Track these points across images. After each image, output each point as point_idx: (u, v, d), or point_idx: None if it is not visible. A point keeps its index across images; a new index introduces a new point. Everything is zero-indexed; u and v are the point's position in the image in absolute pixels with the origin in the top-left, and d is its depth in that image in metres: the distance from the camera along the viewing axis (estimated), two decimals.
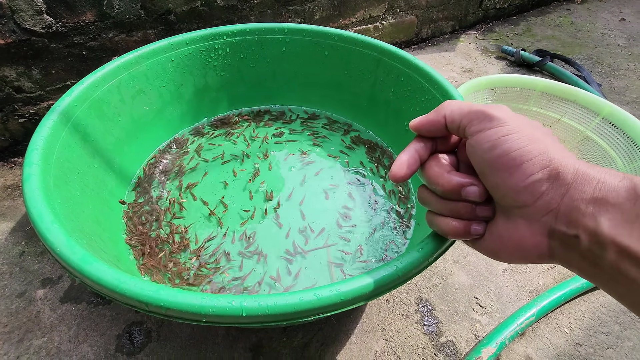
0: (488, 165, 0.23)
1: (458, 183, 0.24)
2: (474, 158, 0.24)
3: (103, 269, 0.31)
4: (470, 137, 0.24)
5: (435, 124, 0.26)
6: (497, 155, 0.22)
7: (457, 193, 0.25)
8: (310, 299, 0.29)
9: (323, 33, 0.66)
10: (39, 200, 0.36)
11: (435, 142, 0.27)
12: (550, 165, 0.21)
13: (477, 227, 0.25)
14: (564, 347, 0.50)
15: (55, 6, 0.59)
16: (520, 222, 0.23)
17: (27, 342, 0.46)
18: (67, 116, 0.48)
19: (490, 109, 0.23)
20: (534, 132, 0.22)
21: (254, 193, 0.60)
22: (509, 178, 0.22)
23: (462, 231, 0.25)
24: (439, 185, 0.25)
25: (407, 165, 0.26)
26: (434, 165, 0.26)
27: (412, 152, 0.26)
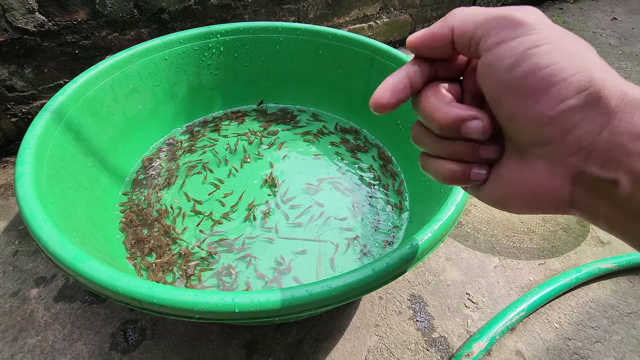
0: (507, 89, 0.17)
1: (457, 116, 0.19)
2: (487, 81, 0.18)
3: (96, 267, 0.31)
4: (485, 53, 0.18)
5: (439, 39, 0.20)
6: (521, 74, 0.17)
7: (455, 129, 0.19)
8: (302, 294, 0.30)
9: (317, 32, 0.66)
10: (32, 199, 0.36)
11: (435, 66, 0.21)
12: (590, 88, 0.16)
13: (479, 170, 0.20)
14: (554, 341, 0.51)
15: (47, 4, 0.59)
16: (539, 163, 0.18)
17: (22, 341, 0.47)
18: (59, 115, 0.48)
19: (515, 12, 0.17)
20: (571, 42, 0.17)
21: (248, 192, 0.60)
22: (534, 105, 0.17)
23: (461, 175, 0.21)
24: (434, 120, 0.20)
25: (392, 91, 0.20)
26: (431, 95, 0.20)
27: (401, 76, 0.21)
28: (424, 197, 0.53)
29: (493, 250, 0.61)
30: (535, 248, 0.62)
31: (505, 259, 0.60)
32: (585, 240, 0.64)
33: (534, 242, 0.63)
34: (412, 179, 0.60)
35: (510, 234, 0.63)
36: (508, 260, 0.60)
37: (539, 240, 0.63)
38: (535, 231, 0.64)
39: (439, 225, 0.36)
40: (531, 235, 0.64)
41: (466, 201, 0.40)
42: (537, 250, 0.62)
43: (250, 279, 0.49)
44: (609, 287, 0.57)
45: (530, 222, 0.66)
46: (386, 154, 0.67)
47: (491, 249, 0.61)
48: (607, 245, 0.63)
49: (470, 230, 0.64)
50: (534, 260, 0.60)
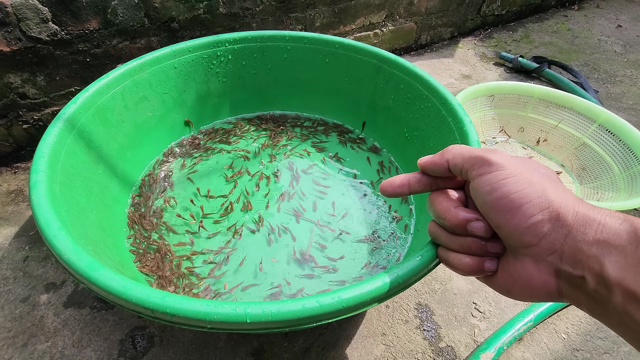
0: (490, 207, 0.23)
1: (464, 218, 0.25)
2: (476, 200, 0.25)
3: (110, 276, 0.31)
4: (471, 180, 0.25)
5: (438, 166, 0.27)
6: (497, 198, 0.23)
7: (464, 228, 0.25)
8: (313, 306, 0.30)
9: (324, 41, 0.67)
10: (46, 208, 0.37)
11: (436, 180, 0.28)
12: (550, 207, 0.22)
13: (490, 264, 0.25)
14: (562, 352, 0.50)
15: (60, 14, 0.60)
16: (528, 261, 0.23)
17: (31, 347, 0.47)
18: (72, 123, 0.48)
19: (488, 154, 0.24)
20: (532, 175, 0.23)
21: (256, 198, 0.60)
22: (511, 219, 0.22)
23: (476, 268, 0.26)
24: (446, 220, 0.26)
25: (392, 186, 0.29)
26: (443, 199, 0.27)
27: (404, 178, 0.29)
28: None
29: None
30: None
31: None
32: None
33: None
34: None
35: None
36: None
37: None
38: None
39: None
40: None
41: None
42: None
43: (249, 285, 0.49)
44: None
45: None
46: (392, 162, 0.67)
47: None
48: None
49: None
50: None
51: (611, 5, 1.58)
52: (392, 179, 0.29)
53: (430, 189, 0.28)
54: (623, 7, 1.57)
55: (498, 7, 1.29)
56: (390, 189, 0.29)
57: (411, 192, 0.29)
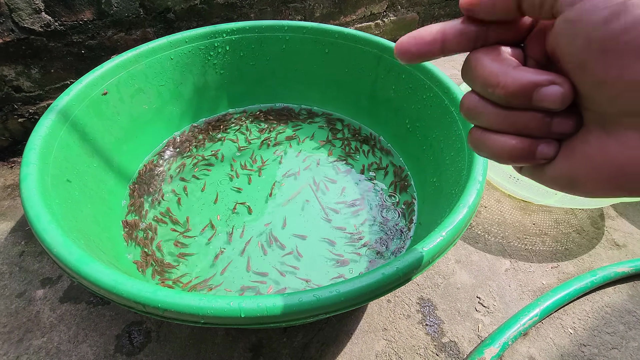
0: (599, 48, 0.15)
1: (530, 81, 0.16)
2: (572, 41, 0.15)
3: (100, 270, 0.30)
4: (568, 8, 0.15)
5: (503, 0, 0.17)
6: (620, 29, 0.14)
7: (526, 97, 0.17)
8: (310, 299, 0.29)
9: (323, 30, 0.65)
10: (36, 201, 0.36)
11: (487, 30, 0.18)
12: None
13: (547, 148, 0.17)
14: (568, 347, 0.49)
15: (53, 5, 0.58)
16: (632, 136, 0.15)
17: (27, 342, 0.46)
18: (65, 115, 0.47)
19: None
20: None
21: (254, 192, 0.59)
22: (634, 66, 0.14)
23: (524, 153, 0.18)
24: (499, 87, 0.17)
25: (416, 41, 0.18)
26: (492, 60, 0.17)
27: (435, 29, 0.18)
28: (433, 199, 0.52)
29: (504, 252, 0.60)
30: (547, 251, 0.60)
31: (516, 261, 0.58)
32: (600, 242, 0.62)
33: (546, 245, 0.61)
34: (420, 179, 0.59)
35: (522, 236, 0.62)
36: (520, 263, 0.58)
37: (552, 243, 0.61)
38: (548, 233, 0.62)
39: (450, 228, 0.34)
40: (543, 237, 0.62)
41: (478, 203, 0.38)
42: (550, 252, 0.60)
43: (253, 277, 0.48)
44: (625, 291, 0.55)
45: (543, 224, 0.64)
46: (394, 155, 0.66)
47: (502, 252, 0.60)
48: (623, 248, 0.61)
49: (481, 232, 0.62)
50: (547, 263, 0.59)
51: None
52: (418, 32, 0.18)
53: (475, 44, 0.18)
54: None
55: None
56: (415, 47, 0.18)
57: (444, 50, 0.18)
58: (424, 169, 0.58)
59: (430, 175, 0.55)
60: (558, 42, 0.16)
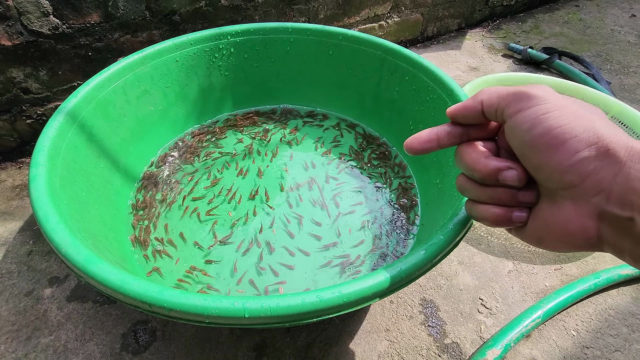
0: (529, 146, 0.21)
1: (495, 167, 0.23)
2: (513, 141, 0.23)
3: (107, 270, 0.31)
4: (508, 119, 0.23)
5: (471, 110, 0.25)
6: (537, 135, 0.21)
7: (495, 178, 0.23)
8: (312, 300, 0.29)
9: (327, 32, 0.66)
10: (45, 201, 0.36)
11: (467, 130, 0.26)
12: (599, 142, 0.19)
13: (519, 213, 0.24)
14: (571, 349, 0.49)
15: (61, 8, 0.59)
16: (567, 204, 0.21)
17: (35, 340, 0.47)
18: (73, 117, 0.48)
19: (529, 89, 0.22)
20: (578, 109, 0.21)
21: (260, 193, 0.60)
22: (552, 157, 0.20)
23: (504, 218, 0.24)
24: (475, 171, 0.24)
25: (419, 142, 0.26)
26: (471, 151, 0.25)
27: (431, 132, 0.26)
28: (437, 201, 0.52)
29: (507, 254, 0.60)
30: (550, 252, 0.60)
31: (519, 263, 0.59)
32: None
33: None
34: (423, 181, 0.59)
35: None
36: (523, 264, 0.58)
37: None
38: None
39: (453, 230, 0.35)
40: None
41: None
42: (553, 254, 0.60)
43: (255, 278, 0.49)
44: (629, 294, 0.55)
45: None
46: (397, 156, 0.66)
47: (505, 253, 0.60)
48: None
49: (484, 233, 0.62)
50: (550, 265, 0.59)
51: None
52: (419, 135, 0.26)
53: (461, 140, 0.26)
54: None
55: None
56: (418, 145, 0.26)
57: (440, 146, 0.26)
58: (427, 170, 0.58)
59: (434, 176, 0.56)
60: (507, 139, 0.23)
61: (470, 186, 0.26)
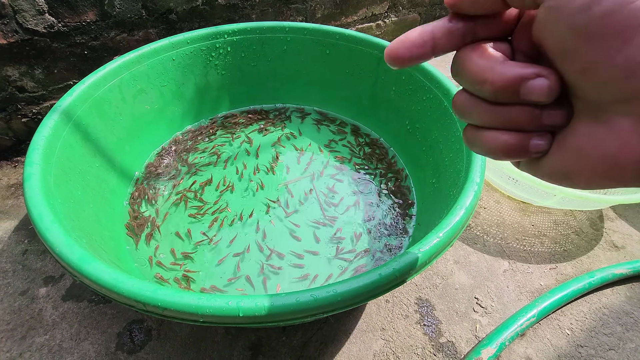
0: (582, 35, 0.14)
1: (516, 75, 0.16)
2: (555, 29, 0.15)
3: (101, 269, 0.31)
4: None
5: None
6: (601, 13, 0.14)
7: (514, 92, 0.16)
8: (307, 299, 0.29)
9: (324, 32, 0.66)
10: (39, 200, 0.36)
11: (474, 25, 0.18)
12: None
13: (540, 141, 0.17)
14: (565, 348, 0.49)
15: (56, 6, 0.59)
16: (623, 123, 0.15)
17: (30, 340, 0.47)
18: (68, 116, 0.48)
19: None
20: None
21: (255, 192, 0.60)
22: (620, 50, 0.14)
23: (518, 148, 0.17)
24: (487, 83, 0.17)
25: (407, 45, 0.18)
26: (479, 56, 0.17)
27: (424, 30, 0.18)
28: (432, 200, 0.52)
29: (503, 253, 0.60)
30: (546, 252, 0.60)
31: (515, 262, 0.59)
32: (599, 244, 0.62)
33: (545, 246, 0.61)
34: (419, 180, 0.59)
35: (521, 237, 0.62)
36: (518, 264, 0.59)
37: (550, 244, 0.61)
38: (547, 234, 0.63)
39: (448, 229, 0.35)
40: (542, 238, 0.62)
41: (476, 204, 0.39)
42: (548, 254, 0.60)
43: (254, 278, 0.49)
44: (623, 293, 0.56)
45: (542, 225, 0.64)
46: (393, 155, 0.66)
47: (501, 253, 0.60)
48: (622, 250, 0.61)
49: (480, 233, 0.63)
50: (545, 264, 0.59)
51: None
52: (407, 35, 0.18)
53: (464, 41, 0.18)
54: None
55: None
56: (406, 52, 0.18)
57: (435, 50, 0.18)
58: (424, 169, 0.58)
59: (430, 176, 0.56)
60: (542, 31, 0.16)
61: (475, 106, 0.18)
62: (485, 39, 0.18)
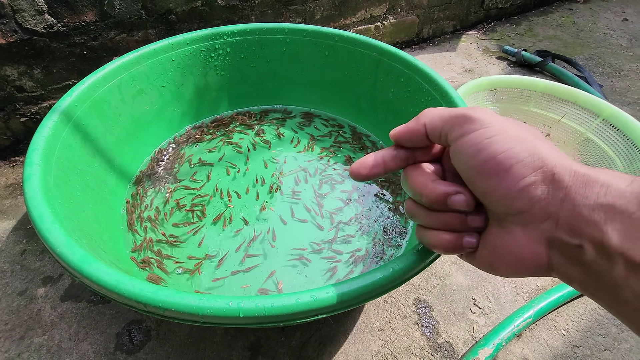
0: (475, 172, 0.21)
1: (443, 192, 0.22)
2: (459, 165, 0.22)
3: (102, 269, 0.31)
4: (452, 143, 0.22)
5: (415, 133, 0.24)
6: (482, 160, 0.20)
7: (443, 203, 0.23)
8: (307, 300, 0.29)
9: (323, 33, 0.66)
10: (40, 201, 0.36)
11: (413, 152, 0.25)
12: (544, 167, 0.19)
13: (470, 239, 0.23)
14: (561, 348, 0.50)
15: (56, 6, 0.59)
16: (517, 230, 0.21)
17: (28, 340, 0.47)
18: (68, 116, 0.48)
19: (471, 111, 0.21)
20: (521, 132, 0.20)
21: (254, 193, 0.60)
22: (499, 183, 0.20)
23: (454, 244, 0.23)
24: (424, 196, 0.23)
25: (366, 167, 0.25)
26: (418, 174, 0.24)
27: (377, 157, 0.25)
28: None
29: None
30: None
31: None
32: None
33: None
34: None
35: None
36: None
37: None
38: None
39: None
40: None
41: None
42: None
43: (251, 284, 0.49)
44: None
45: None
46: None
47: None
48: None
49: None
50: None
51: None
52: (364, 160, 0.25)
53: (407, 163, 0.25)
54: (629, 0, 1.55)
55: (502, 0, 1.28)
56: (364, 171, 0.25)
57: (387, 170, 0.25)
58: None
59: None
60: (453, 162, 0.23)
61: (419, 211, 0.25)
62: (423, 161, 0.25)
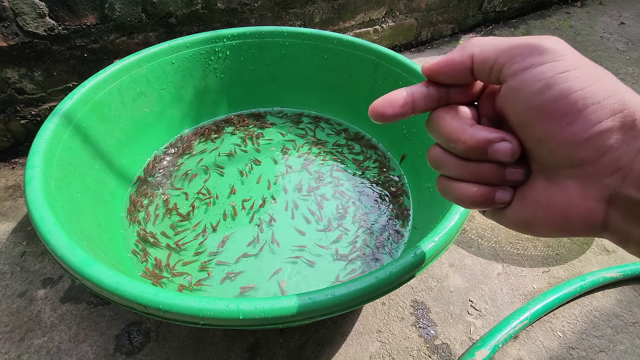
0: (536, 113, 0.17)
1: (485, 138, 0.19)
2: (515, 105, 0.18)
3: (103, 272, 0.31)
4: (510, 78, 0.18)
5: (458, 67, 0.20)
6: (551, 98, 0.17)
7: (482, 151, 0.19)
8: (305, 302, 0.30)
9: (322, 37, 0.67)
10: (41, 203, 0.37)
11: (448, 91, 0.21)
12: (625, 111, 0.16)
13: (504, 194, 0.20)
14: (557, 350, 0.50)
15: (57, 9, 0.59)
16: (571, 184, 0.18)
17: (28, 341, 0.47)
18: (68, 119, 0.48)
19: (540, 40, 0.18)
20: (598, 69, 0.17)
21: (254, 195, 0.60)
22: (565, 128, 0.17)
23: (484, 199, 0.20)
24: (459, 142, 0.20)
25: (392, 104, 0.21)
26: (452, 118, 0.20)
27: (405, 92, 0.21)
28: (428, 204, 0.53)
29: (497, 257, 0.61)
30: (539, 255, 0.62)
31: (509, 266, 0.60)
32: (590, 248, 0.63)
33: (538, 249, 0.62)
34: (415, 184, 0.60)
35: (514, 241, 0.63)
36: (512, 267, 0.60)
37: (543, 248, 0.63)
38: (540, 238, 0.64)
39: (443, 233, 0.36)
40: (535, 242, 0.63)
41: (470, 210, 0.40)
42: (541, 257, 0.61)
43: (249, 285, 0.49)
44: (613, 296, 0.57)
45: None
46: (390, 160, 0.67)
47: (495, 256, 0.61)
48: (613, 254, 0.63)
49: (474, 236, 0.64)
50: (538, 267, 0.60)
51: (614, 2, 1.57)
52: (391, 97, 0.21)
53: (438, 104, 0.21)
54: (626, 4, 1.56)
55: (500, 3, 1.28)
56: (390, 110, 0.21)
57: (415, 111, 0.21)
58: (420, 174, 0.59)
59: (426, 180, 0.57)
60: (504, 104, 0.19)
61: (448, 160, 0.21)
62: (457, 103, 0.21)
